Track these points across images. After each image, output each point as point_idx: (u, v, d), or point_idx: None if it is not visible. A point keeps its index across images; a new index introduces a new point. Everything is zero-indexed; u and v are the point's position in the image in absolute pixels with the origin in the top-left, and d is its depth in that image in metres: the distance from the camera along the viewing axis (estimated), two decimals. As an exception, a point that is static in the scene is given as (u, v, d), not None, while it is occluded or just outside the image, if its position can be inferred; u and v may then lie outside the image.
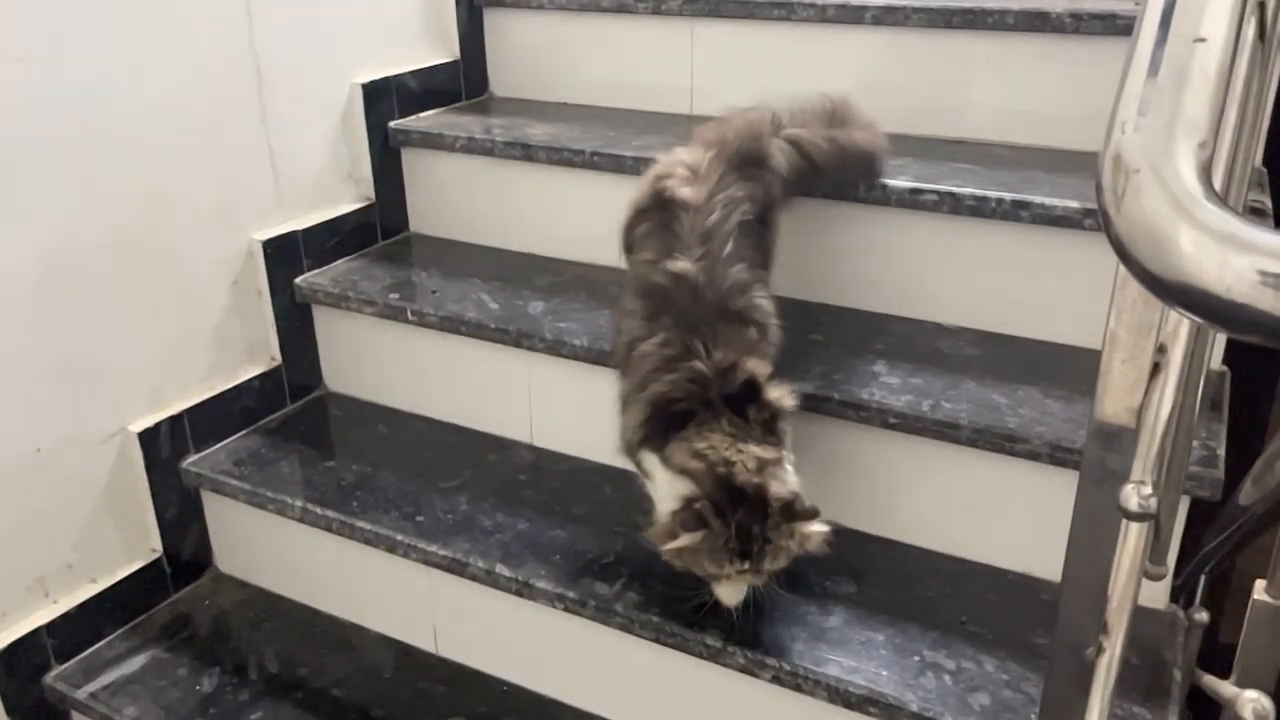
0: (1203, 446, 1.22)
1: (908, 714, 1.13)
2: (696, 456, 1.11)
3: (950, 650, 1.21)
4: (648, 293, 1.24)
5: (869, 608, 1.28)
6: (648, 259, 1.26)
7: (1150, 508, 0.69)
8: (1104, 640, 0.84)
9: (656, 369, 1.17)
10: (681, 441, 1.13)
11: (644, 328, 1.21)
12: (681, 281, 1.20)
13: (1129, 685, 1.14)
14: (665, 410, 1.15)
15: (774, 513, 1.08)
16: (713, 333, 1.17)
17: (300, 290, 1.77)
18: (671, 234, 1.24)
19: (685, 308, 1.19)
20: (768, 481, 1.09)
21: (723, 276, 1.21)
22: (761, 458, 1.11)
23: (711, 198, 1.25)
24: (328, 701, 1.45)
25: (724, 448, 1.11)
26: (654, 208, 1.29)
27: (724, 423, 1.12)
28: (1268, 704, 0.70)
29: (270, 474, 1.61)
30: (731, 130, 1.36)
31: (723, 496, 1.08)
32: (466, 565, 1.39)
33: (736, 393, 1.14)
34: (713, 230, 1.23)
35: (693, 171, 1.29)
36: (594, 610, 1.31)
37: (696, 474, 1.10)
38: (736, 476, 1.08)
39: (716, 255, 1.22)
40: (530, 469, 1.61)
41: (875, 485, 1.40)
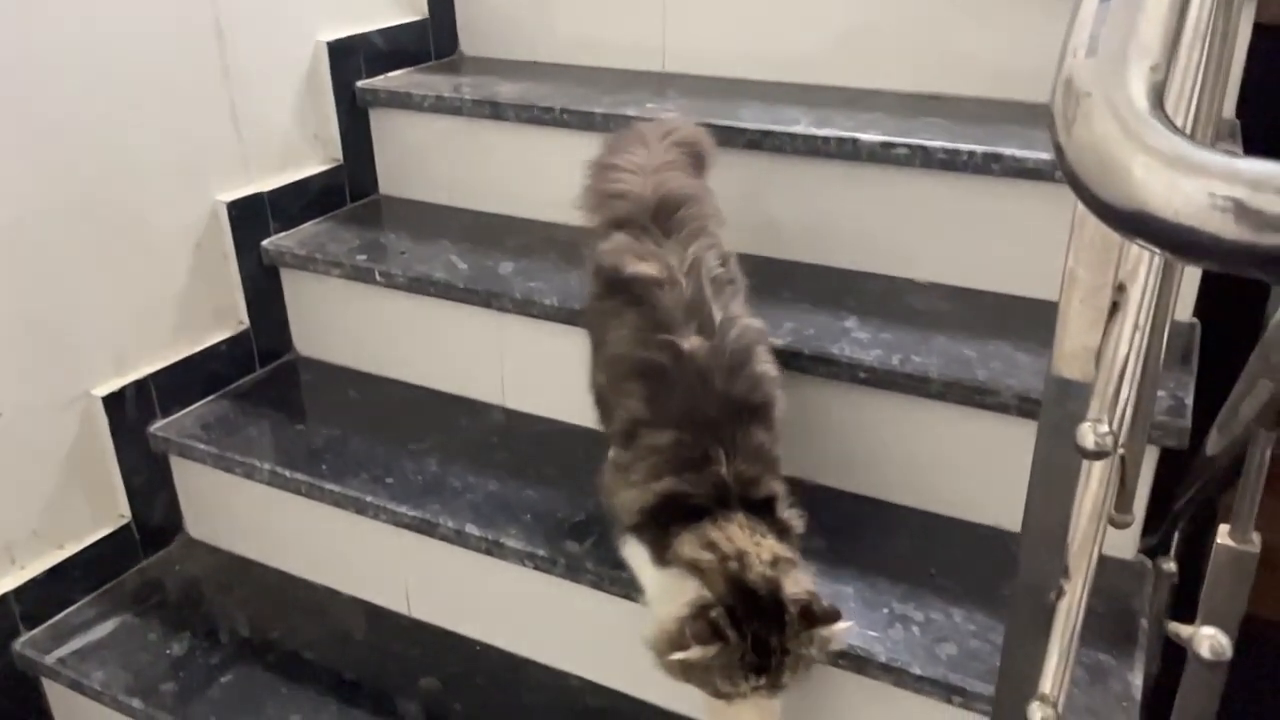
0: (1170, 397, 1.22)
1: (876, 665, 1.13)
2: (709, 548, 1.00)
3: (919, 602, 1.21)
4: (645, 372, 1.11)
5: (839, 562, 1.28)
6: (632, 333, 1.14)
7: (1106, 445, 0.68)
8: (1064, 584, 0.84)
9: (672, 465, 1.07)
10: (693, 533, 1.02)
11: (648, 411, 1.10)
12: (687, 363, 1.09)
13: (1095, 633, 1.14)
14: (675, 503, 1.06)
15: (792, 619, 0.97)
16: (732, 436, 1.06)
17: (267, 253, 1.74)
18: (651, 307, 1.13)
19: (697, 398, 1.08)
20: (782, 579, 0.99)
21: (728, 354, 1.10)
22: (777, 554, 1.01)
23: (680, 264, 1.15)
24: (299, 664, 1.44)
25: (740, 539, 1.01)
26: (612, 290, 1.18)
27: (742, 517, 1.03)
28: (1225, 640, 0.70)
29: (238, 438, 1.59)
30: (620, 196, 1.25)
31: (737, 600, 0.97)
32: (436, 526, 1.39)
33: (757, 502, 1.06)
34: (697, 301, 1.12)
35: (637, 251, 1.18)
36: (564, 568, 1.31)
37: (708, 570, 0.99)
38: (749, 571, 0.98)
39: (713, 326, 1.11)
40: (502, 431, 1.60)
41: (846, 441, 1.39)
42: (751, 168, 1.58)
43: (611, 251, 1.20)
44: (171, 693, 1.39)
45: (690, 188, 1.28)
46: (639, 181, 1.27)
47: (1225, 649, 0.69)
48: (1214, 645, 0.70)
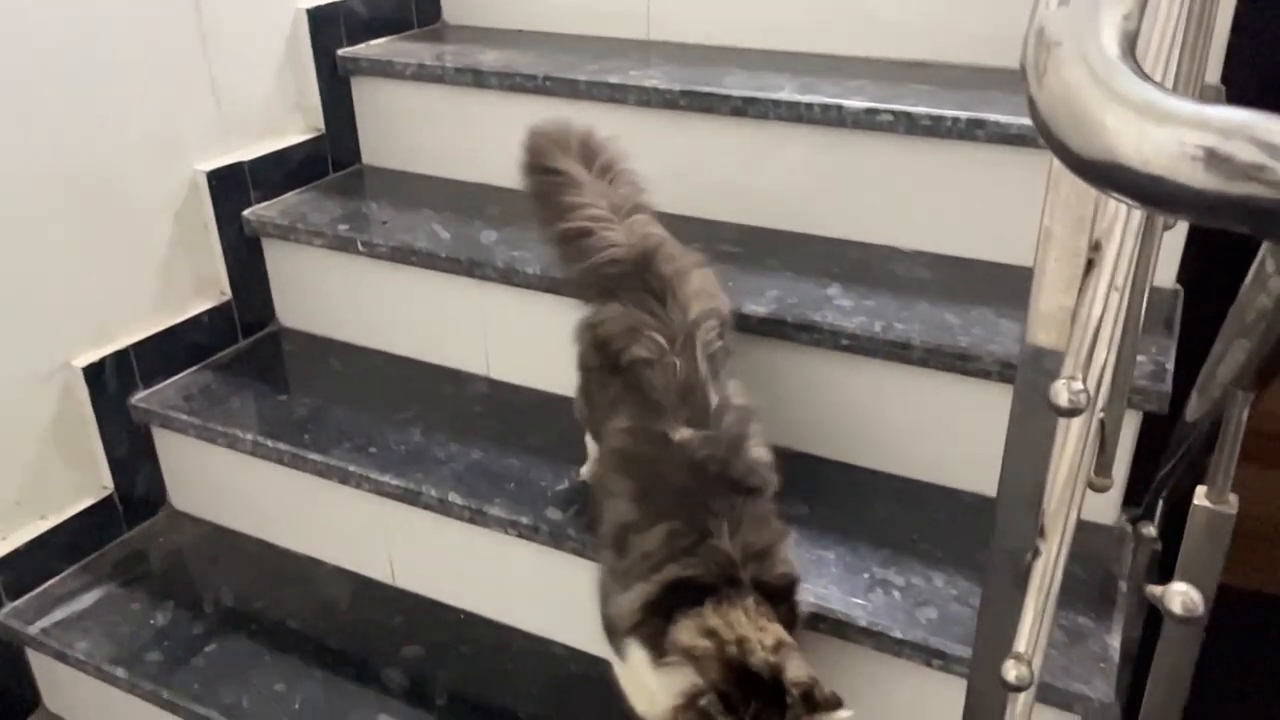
0: (1151, 361, 1.22)
1: (856, 628, 1.13)
2: (708, 635, 0.95)
3: (900, 567, 1.21)
4: (633, 469, 1.08)
5: (821, 528, 1.28)
6: (624, 427, 1.10)
7: (1080, 404, 0.68)
8: (1041, 544, 0.84)
9: (670, 556, 1.01)
10: (692, 619, 0.97)
11: (637, 512, 1.06)
12: (679, 455, 1.05)
13: (1074, 597, 1.15)
14: (678, 590, 1.00)
15: (793, 703, 0.93)
16: (731, 510, 1.02)
17: (249, 223, 1.73)
18: (644, 396, 1.09)
19: (689, 488, 1.04)
20: (784, 663, 0.94)
21: (724, 443, 1.06)
22: (781, 639, 0.96)
23: (671, 342, 1.10)
24: (283, 633, 1.44)
25: (742, 624, 0.96)
26: (610, 373, 1.14)
27: (750, 601, 0.98)
28: (1196, 596, 0.70)
29: (221, 409, 1.58)
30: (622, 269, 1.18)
31: (734, 687, 0.93)
32: (419, 494, 1.38)
33: (774, 580, 1.01)
34: (690, 383, 1.08)
35: (630, 326, 1.13)
36: (546, 536, 1.31)
37: (703, 658, 0.94)
38: (751, 656, 0.94)
39: (705, 413, 1.07)
40: (486, 400, 1.60)
41: (829, 408, 1.39)
42: (735, 135, 1.57)
43: (611, 326, 1.15)
44: (156, 662, 1.39)
45: (661, 233, 1.23)
46: (618, 236, 1.19)
47: (1197, 605, 0.70)
48: (1185, 601, 0.70)
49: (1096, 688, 1.04)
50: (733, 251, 1.54)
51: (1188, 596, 0.70)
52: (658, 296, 1.14)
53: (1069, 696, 1.04)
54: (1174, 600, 0.70)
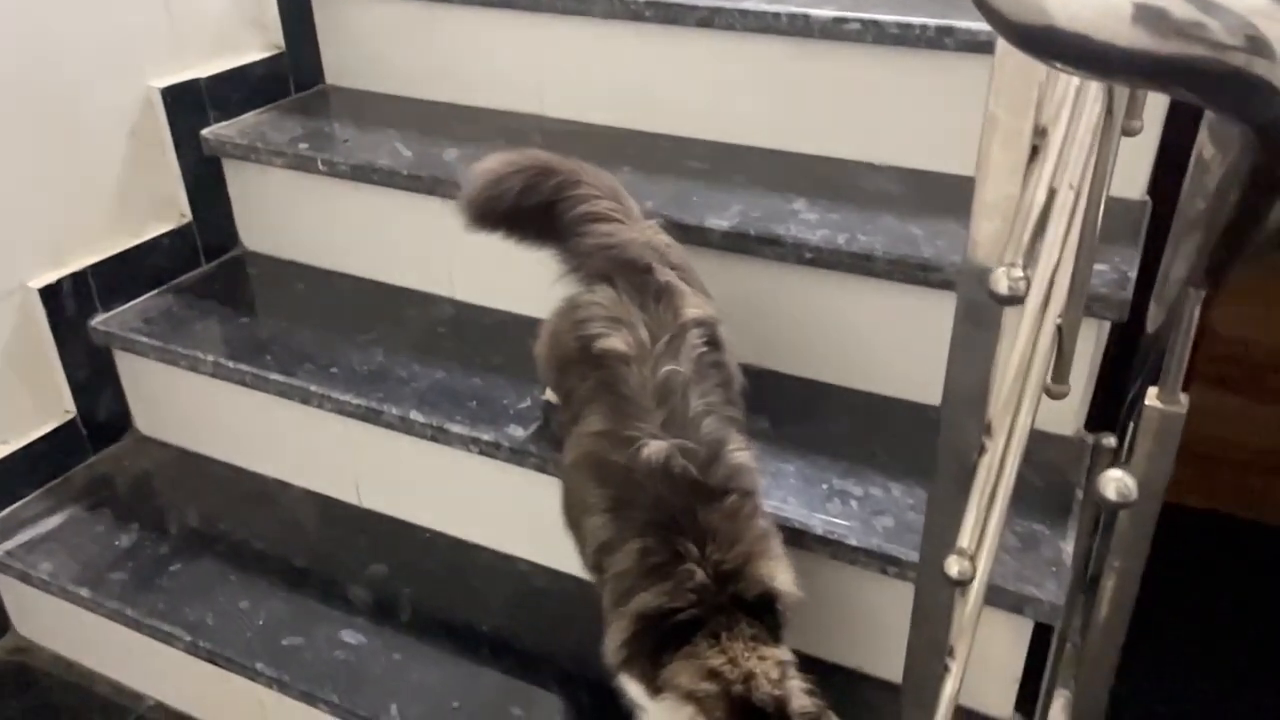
0: (1114, 270, 1.20)
1: (812, 537, 1.13)
2: (711, 677, 0.91)
3: (859, 478, 1.21)
4: (606, 477, 1.02)
5: (782, 442, 1.28)
6: (597, 430, 1.04)
7: (1019, 291, 0.66)
8: (987, 442, 0.84)
9: (641, 579, 0.97)
10: (689, 660, 0.93)
11: (611, 526, 1.01)
12: (653, 470, 0.99)
13: (1031, 504, 1.15)
14: (657, 625, 0.95)
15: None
16: (702, 525, 0.96)
17: (207, 143, 1.69)
18: (618, 396, 1.03)
19: (661, 497, 0.98)
20: (789, 693, 0.91)
21: (699, 444, 1.00)
22: (782, 661, 0.93)
23: (655, 340, 1.05)
24: (248, 553, 1.44)
25: (745, 658, 0.92)
26: (583, 362, 1.08)
27: (744, 627, 0.93)
28: (1131, 483, 0.70)
29: (182, 331, 1.56)
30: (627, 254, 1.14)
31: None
32: (381, 413, 1.37)
33: (754, 600, 0.96)
34: (669, 383, 1.02)
35: (615, 315, 1.08)
36: (508, 452, 1.30)
37: (706, 702, 0.91)
38: (757, 692, 0.90)
39: (684, 417, 1.01)
40: (450, 321, 1.58)
41: (793, 323, 1.38)
42: (702, 46, 1.53)
43: (596, 309, 1.09)
44: (120, 582, 1.39)
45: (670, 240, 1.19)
46: (630, 231, 1.16)
47: (1131, 491, 0.69)
48: (1120, 488, 0.69)
49: (1047, 590, 1.04)
50: (699, 168, 1.52)
51: (1122, 483, 0.69)
52: (654, 296, 1.09)
53: (1020, 599, 1.05)
54: (1109, 486, 0.70)
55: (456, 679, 1.24)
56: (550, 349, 1.18)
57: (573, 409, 1.11)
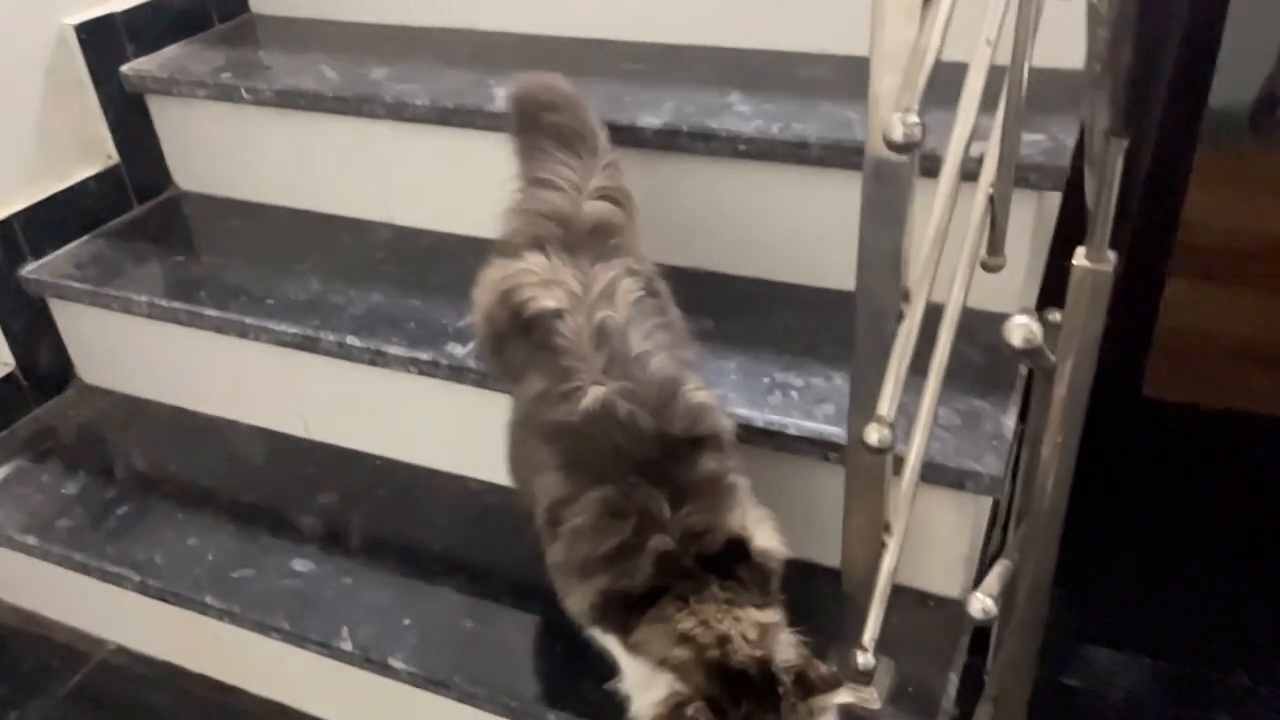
0: (1051, 139, 1.17)
1: (754, 429, 1.12)
2: (682, 642, 0.86)
3: (801, 370, 1.19)
4: (554, 435, 0.96)
5: (724, 341, 1.25)
6: (538, 391, 0.99)
7: (915, 137, 0.63)
8: (905, 308, 0.82)
9: (604, 555, 0.90)
10: (658, 624, 0.88)
11: (565, 484, 0.94)
12: (599, 417, 0.93)
13: (972, 381, 1.13)
14: (623, 598, 0.90)
15: (787, 693, 0.84)
16: (665, 481, 0.90)
17: (127, 79, 1.63)
18: (554, 350, 0.98)
19: (617, 448, 0.92)
20: (771, 650, 0.86)
21: (649, 386, 0.94)
22: (762, 623, 0.87)
23: (587, 291, 1.01)
24: (197, 492, 1.42)
25: (717, 620, 0.86)
26: (517, 332, 1.03)
27: (714, 589, 0.88)
28: (1036, 328, 0.67)
29: (116, 275, 1.53)
30: (550, 216, 1.10)
31: (720, 689, 0.84)
32: (318, 340, 1.34)
33: (720, 553, 0.90)
34: (605, 327, 0.97)
35: (546, 279, 1.03)
36: (447, 370, 1.28)
37: (682, 667, 0.85)
38: (734, 655, 0.85)
39: (626, 358, 0.96)
40: (388, 246, 1.54)
41: (731, 222, 1.34)
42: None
43: (525, 277, 1.04)
44: (66, 528, 1.38)
45: (623, 218, 1.13)
46: (570, 201, 1.11)
47: (1036, 336, 0.67)
48: (1025, 334, 0.67)
49: (987, 463, 1.03)
50: (635, 69, 1.47)
51: (1028, 329, 0.67)
52: (589, 260, 1.04)
53: (960, 475, 1.03)
54: (1014, 333, 0.67)
55: (408, 598, 1.22)
56: (487, 325, 1.11)
57: (513, 378, 1.06)
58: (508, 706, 1.10)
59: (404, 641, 1.17)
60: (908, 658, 1.10)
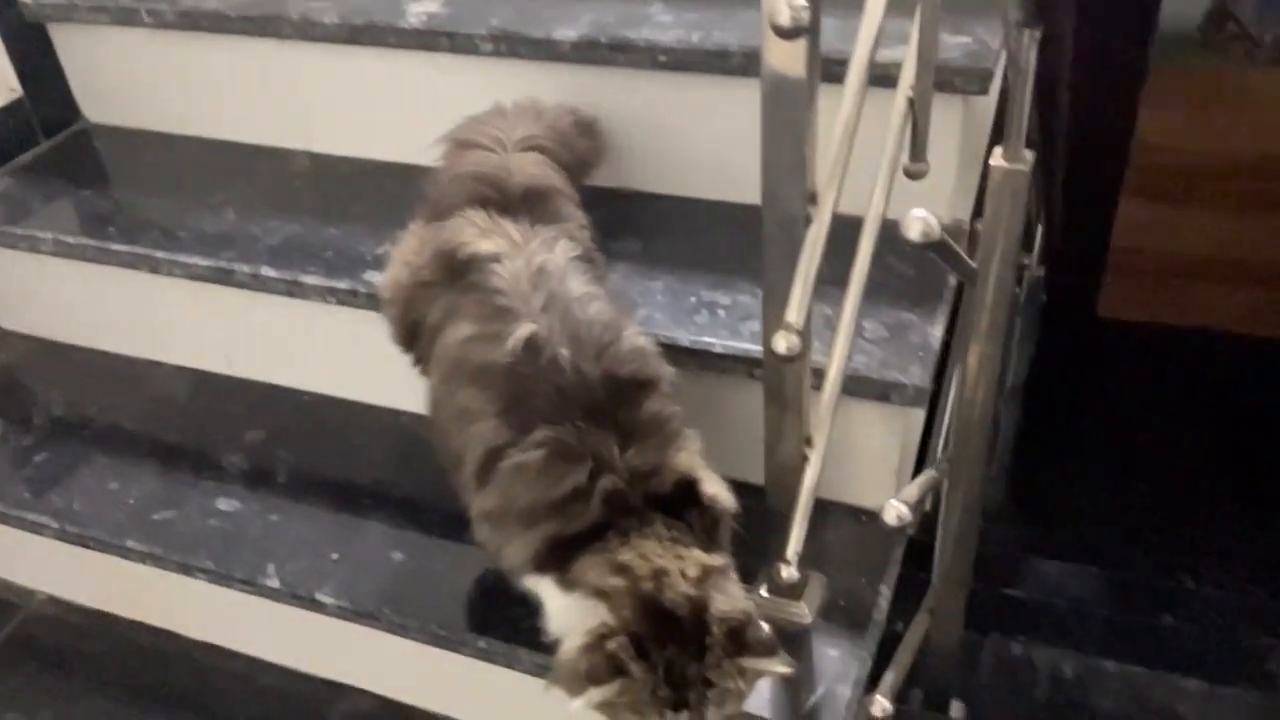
0: (977, 42, 1.13)
1: (680, 350, 1.09)
2: (619, 572, 0.83)
3: (728, 288, 1.16)
4: (488, 379, 0.91)
5: (651, 262, 1.22)
6: (467, 335, 0.94)
7: (803, 20, 0.60)
8: (812, 211, 0.79)
9: (554, 500, 0.86)
10: (598, 555, 0.85)
11: (502, 429, 0.89)
12: (537, 352, 0.89)
13: (900, 294, 1.11)
14: (568, 542, 0.86)
15: (716, 642, 0.80)
16: (612, 423, 0.87)
17: (26, 7, 1.55)
18: (488, 290, 0.94)
19: (558, 388, 0.88)
20: (709, 595, 0.82)
21: (592, 327, 0.91)
22: (707, 564, 0.84)
23: (527, 241, 0.98)
24: (118, 435, 1.38)
25: (658, 555, 0.83)
26: (445, 278, 0.99)
27: (660, 526, 0.85)
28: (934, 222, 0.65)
29: (22, 213, 1.46)
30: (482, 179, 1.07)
31: (647, 626, 0.80)
32: (232, 273, 1.30)
33: (669, 494, 0.87)
34: (545, 269, 0.95)
35: (485, 229, 1.00)
36: (366, 299, 1.24)
37: (614, 596, 0.82)
38: (668, 591, 0.81)
39: (568, 298, 0.93)
40: (306, 175, 1.48)
41: (655, 136, 1.30)
42: None
43: (454, 230, 1.02)
44: (-18, 476, 1.33)
45: (554, 179, 1.11)
46: (500, 160, 1.09)
47: (934, 230, 0.65)
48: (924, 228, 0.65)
49: (912, 375, 1.01)
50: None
51: (925, 222, 0.65)
52: (529, 220, 1.02)
53: (885, 387, 1.02)
54: (912, 227, 0.65)
55: (336, 533, 1.20)
56: (397, 283, 1.08)
57: (430, 334, 1.01)
58: (437, 635, 1.09)
59: (332, 576, 1.15)
60: (840, 572, 1.09)
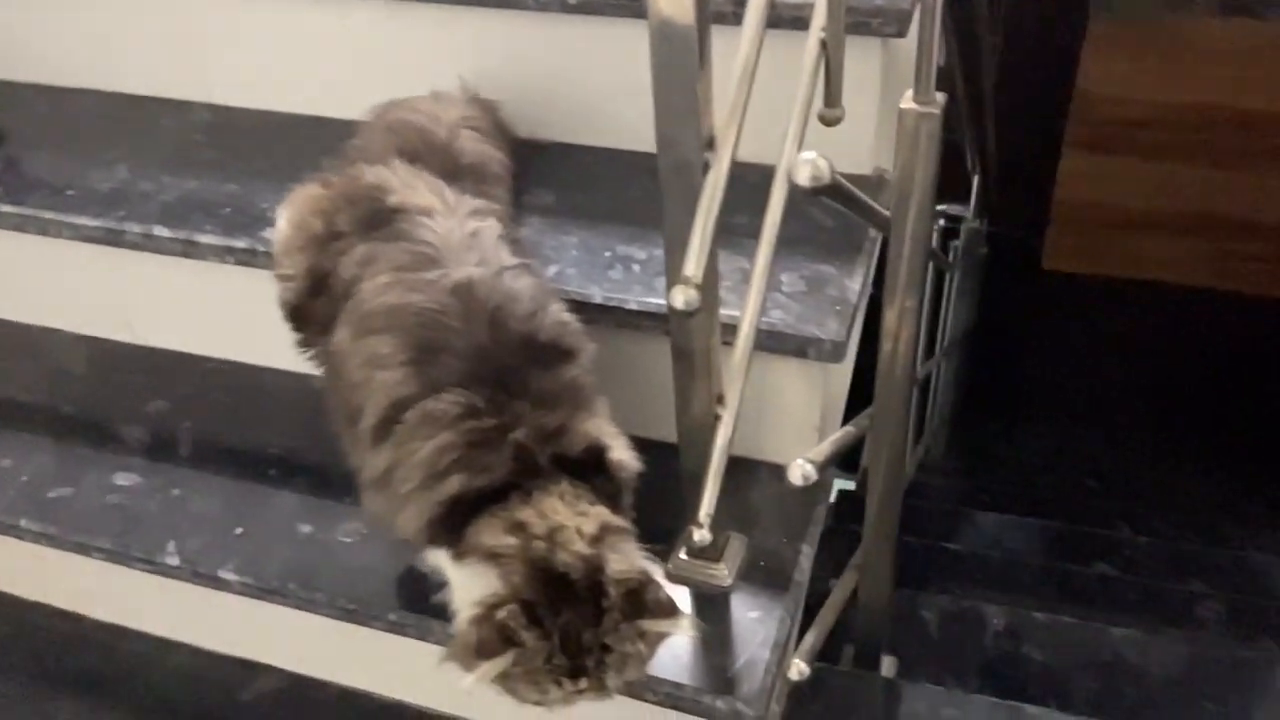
0: (896, -20, 1.09)
1: (592, 306, 1.05)
2: (514, 529, 0.79)
3: (644, 242, 1.12)
4: (405, 323, 0.86)
5: (566, 215, 1.18)
6: (388, 282, 0.89)
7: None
8: (710, 156, 0.74)
9: (457, 455, 0.82)
10: (495, 517, 0.81)
11: (413, 377, 0.85)
12: (464, 299, 0.86)
13: (821, 246, 1.08)
14: (472, 501, 0.82)
15: (612, 605, 0.77)
16: (525, 382, 0.84)
17: (-104, -49, 1.44)
18: (417, 241, 0.90)
19: (477, 346, 0.84)
20: (604, 556, 0.78)
21: (521, 292, 0.88)
22: (607, 522, 0.81)
23: (459, 207, 0.96)
24: (10, 408, 1.31)
25: (556, 512, 0.80)
26: (370, 224, 0.94)
27: (564, 485, 0.82)
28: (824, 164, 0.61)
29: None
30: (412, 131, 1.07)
31: (539, 592, 0.77)
32: (123, 233, 1.22)
33: (577, 457, 0.84)
34: (480, 234, 0.93)
35: (412, 183, 0.98)
36: (266, 259, 1.16)
37: (505, 558, 0.78)
38: (560, 553, 0.77)
39: (500, 265, 0.90)
40: (208, 128, 1.41)
41: (566, 84, 1.25)
42: None
43: (377, 175, 0.99)
44: None
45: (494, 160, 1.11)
46: (432, 123, 1.08)
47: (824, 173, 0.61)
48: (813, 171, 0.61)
49: (828, 329, 0.98)
50: None
51: (814, 165, 0.61)
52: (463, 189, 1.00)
53: (802, 342, 0.98)
54: (800, 171, 0.61)
55: (242, 506, 1.15)
56: (296, 235, 1.02)
57: (341, 289, 0.94)
58: (346, 610, 1.04)
59: (236, 551, 1.10)
60: (762, 532, 1.07)
